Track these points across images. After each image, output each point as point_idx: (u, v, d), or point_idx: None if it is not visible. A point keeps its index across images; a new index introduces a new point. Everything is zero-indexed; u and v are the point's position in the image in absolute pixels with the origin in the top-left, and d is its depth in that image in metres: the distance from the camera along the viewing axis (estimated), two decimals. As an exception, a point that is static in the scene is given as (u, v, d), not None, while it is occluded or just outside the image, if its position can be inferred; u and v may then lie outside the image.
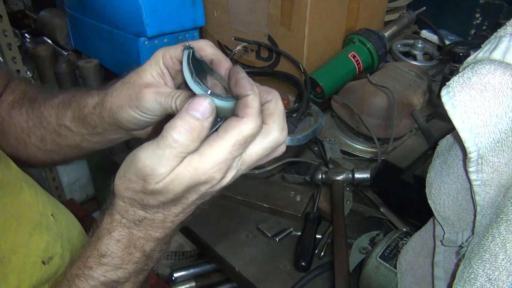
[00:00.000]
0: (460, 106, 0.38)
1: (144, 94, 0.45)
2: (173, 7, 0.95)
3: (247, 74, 0.39)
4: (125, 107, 0.46)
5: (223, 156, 0.36)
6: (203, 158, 0.36)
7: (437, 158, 0.50)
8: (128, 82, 0.47)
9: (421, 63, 1.25)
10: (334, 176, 0.79)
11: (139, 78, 0.46)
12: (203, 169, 0.36)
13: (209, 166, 0.36)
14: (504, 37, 0.37)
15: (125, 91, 0.47)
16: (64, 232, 0.53)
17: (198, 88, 0.40)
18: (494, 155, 0.39)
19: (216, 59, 0.44)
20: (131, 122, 0.48)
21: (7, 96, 0.61)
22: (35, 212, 0.50)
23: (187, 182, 0.37)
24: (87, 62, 1.11)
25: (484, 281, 0.37)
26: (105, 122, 0.50)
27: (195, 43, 0.45)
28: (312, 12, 0.91)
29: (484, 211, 0.42)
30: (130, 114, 0.46)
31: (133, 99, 0.45)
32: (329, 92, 0.99)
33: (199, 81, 0.40)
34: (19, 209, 0.48)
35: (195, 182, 0.37)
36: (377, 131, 0.92)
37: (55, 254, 0.50)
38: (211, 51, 0.45)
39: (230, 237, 0.75)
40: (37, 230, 0.49)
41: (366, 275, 0.62)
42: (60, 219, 0.54)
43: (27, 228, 0.48)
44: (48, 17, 1.36)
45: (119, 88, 0.47)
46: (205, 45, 0.45)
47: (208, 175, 0.37)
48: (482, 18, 1.38)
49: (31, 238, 0.47)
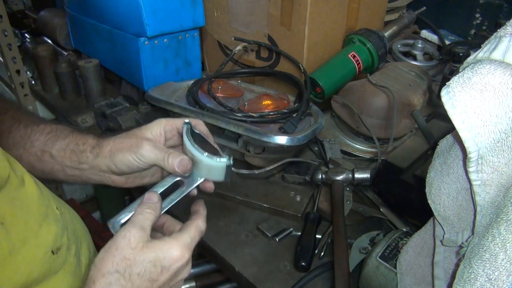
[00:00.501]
0: (460, 106, 0.38)
1: (144, 144, 0.55)
2: (173, 7, 0.95)
3: (247, 74, 0.43)
4: (123, 151, 0.55)
5: (189, 239, 0.50)
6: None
7: (437, 158, 0.50)
8: (132, 134, 0.57)
9: (421, 63, 1.25)
10: (334, 176, 0.79)
11: (141, 133, 0.57)
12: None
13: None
14: (504, 37, 0.37)
15: (127, 140, 0.56)
16: (68, 224, 0.55)
17: (196, 151, 0.53)
18: (494, 155, 0.39)
19: (206, 133, 0.59)
20: (124, 165, 0.56)
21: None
22: (42, 205, 0.51)
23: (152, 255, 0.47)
24: (87, 62, 1.11)
25: (484, 281, 0.37)
26: (96, 161, 0.57)
27: (192, 121, 0.58)
28: (312, 12, 0.91)
29: (484, 211, 0.42)
30: (127, 158, 0.55)
31: (133, 146, 0.55)
32: (329, 92, 0.99)
33: (197, 146, 0.53)
34: (26, 203, 0.49)
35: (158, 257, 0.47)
36: (377, 131, 0.92)
37: (63, 245, 0.52)
38: (204, 128, 0.59)
39: (230, 237, 0.75)
40: (46, 221, 0.50)
41: (366, 275, 0.62)
42: (64, 212, 0.56)
43: (36, 220, 0.49)
44: (48, 17, 1.36)
45: (122, 136, 0.57)
46: (200, 123, 0.59)
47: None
48: (482, 18, 1.38)
49: (40, 228, 0.49)
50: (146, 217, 0.49)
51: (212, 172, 0.54)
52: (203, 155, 0.53)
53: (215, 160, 0.53)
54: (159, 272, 0.47)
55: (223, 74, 1.02)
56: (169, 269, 0.47)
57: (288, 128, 0.81)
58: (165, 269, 0.47)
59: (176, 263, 0.48)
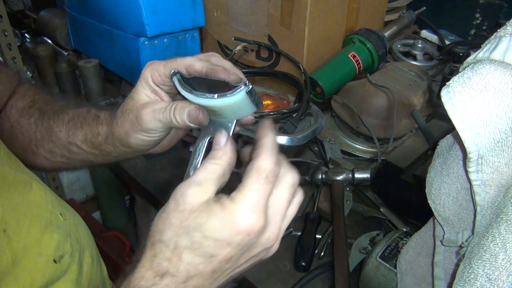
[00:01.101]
0: (460, 106, 0.38)
1: (143, 115, 0.46)
2: (173, 7, 0.95)
3: (247, 74, 0.40)
4: (130, 133, 0.48)
5: (254, 194, 0.35)
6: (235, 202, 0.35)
7: (437, 158, 0.50)
8: (126, 109, 0.48)
9: (421, 63, 1.25)
10: (334, 176, 0.79)
11: (135, 102, 0.48)
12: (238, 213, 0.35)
13: (244, 208, 0.35)
14: (504, 37, 0.36)
15: (126, 118, 0.48)
16: (72, 231, 0.54)
17: (203, 99, 0.42)
18: (494, 155, 0.39)
19: (208, 69, 0.44)
20: (141, 145, 0.49)
21: (17, 101, 0.61)
22: (45, 211, 0.50)
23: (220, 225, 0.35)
24: (87, 62, 1.11)
25: (484, 281, 0.37)
26: (119, 149, 0.52)
27: (182, 60, 0.45)
28: (312, 12, 0.91)
29: (484, 211, 0.42)
30: (137, 138, 0.48)
31: (135, 124, 0.47)
32: (329, 92, 0.99)
33: (200, 93, 0.42)
34: (30, 209, 0.48)
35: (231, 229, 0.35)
36: (377, 131, 0.92)
37: (65, 253, 0.50)
38: (200, 64, 0.45)
39: (230, 237, 0.75)
40: (49, 229, 0.49)
41: (366, 275, 0.62)
42: (68, 218, 0.55)
43: (38, 227, 0.48)
44: (48, 17, 1.36)
45: (120, 117, 0.49)
46: (192, 61, 0.45)
47: (246, 222, 0.35)
48: (482, 18, 1.38)
49: (43, 237, 0.47)
50: (208, 169, 0.38)
51: (236, 109, 0.43)
52: (213, 98, 0.42)
53: (229, 96, 0.41)
54: (215, 246, 0.35)
55: (223, 74, 1.02)
56: (231, 242, 0.35)
57: (288, 128, 0.81)
58: (224, 242, 0.35)
59: (240, 235, 0.35)
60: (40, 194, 0.51)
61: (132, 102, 0.48)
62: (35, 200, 0.49)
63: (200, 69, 0.44)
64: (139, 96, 0.48)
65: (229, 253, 0.36)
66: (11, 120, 0.60)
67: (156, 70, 0.46)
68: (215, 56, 0.47)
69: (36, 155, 0.59)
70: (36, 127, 0.58)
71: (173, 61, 0.46)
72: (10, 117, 0.60)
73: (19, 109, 0.60)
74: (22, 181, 0.49)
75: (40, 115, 0.59)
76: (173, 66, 0.45)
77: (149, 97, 0.47)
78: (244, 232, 0.35)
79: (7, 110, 0.61)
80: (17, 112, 0.60)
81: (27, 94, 0.62)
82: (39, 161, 0.60)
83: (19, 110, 0.60)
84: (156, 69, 0.46)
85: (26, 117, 0.59)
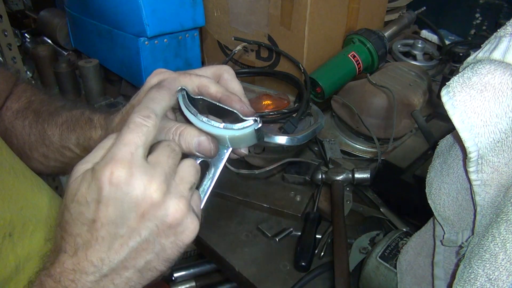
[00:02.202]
0: (460, 106, 0.38)
1: None
2: (173, 7, 0.95)
3: (247, 74, 0.40)
4: None
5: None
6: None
7: (437, 158, 0.50)
8: (125, 115, 0.46)
9: (421, 63, 1.25)
10: (334, 176, 0.79)
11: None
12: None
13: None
14: (504, 37, 0.36)
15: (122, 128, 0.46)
16: None
17: (209, 126, 0.40)
18: (494, 155, 0.39)
19: (223, 96, 0.41)
20: None
21: (13, 103, 0.60)
22: (48, 216, 0.49)
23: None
24: (87, 62, 1.11)
25: (484, 281, 0.37)
26: None
27: (197, 79, 0.42)
28: (312, 12, 0.91)
29: (484, 211, 0.42)
30: None
31: None
32: (329, 92, 0.99)
33: (206, 120, 0.39)
34: (35, 213, 0.47)
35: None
36: (377, 131, 0.92)
37: None
38: (215, 89, 0.41)
39: (230, 237, 0.75)
40: (52, 235, 0.48)
41: (366, 275, 0.62)
42: None
43: (42, 233, 0.47)
44: (48, 17, 1.36)
45: (119, 124, 0.46)
46: (208, 83, 0.41)
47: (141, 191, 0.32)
48: (482, 18, 1.38)
49: (46, 243, 0.47)
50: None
51: (237, 141, 0.42)
52: (219, 128, 0.40)
53: (237, 130, 0.39)
54: (93, 209, 0.33)
55: (223, 74, 1.02)
56: (99, 199, 0.32)
57: (288, 128, 0.81)
58: (93, 201, 0.32)
59: (104, 186, 0.32)
60: (43, 199, 0.50)
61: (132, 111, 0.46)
62: (38, 205, 0.49)
63: (214, 94, 0.41)
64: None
65: (107, 213, 0.32)
66: (5, 122, 0.59)
67: (165, 78, 0.42)
68: (228, 72, 0.44)
69: (30, 159, 0.58)
70: (30, 130, 0.57)
71: (186, 75, 0.42)
72: (5, 119, 0.59)
73: (14, 111, 0.59)
74: (23, 187, 0.48)
75: (35, 117, 0.58)
76: (186, 81, 0.41)
77: None
78: (106, 182, 0.32)
79: (2, 112, 0.60)
80: (12, 115, 0.59)
81: (24, 95, 0.61)
82: (34, 165, 0.59)
83: (14, 112, 0.59)
84: (165, 78, 0.42)
85: (20, 119, 0.58)
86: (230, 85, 0.43)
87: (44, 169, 0.60)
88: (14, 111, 0.59)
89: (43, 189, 0.53)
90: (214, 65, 0.44)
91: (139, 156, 0.33)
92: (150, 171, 0.33)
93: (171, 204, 0.34)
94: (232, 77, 0.44)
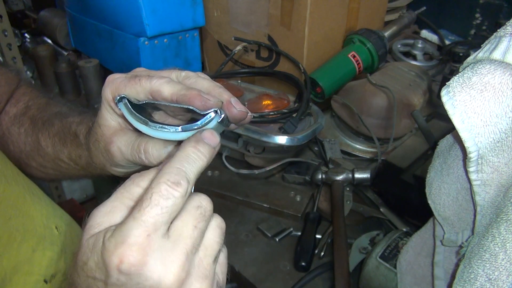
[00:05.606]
0: (460, 106, 0.38)
1: (112, 152, 0.40)
2: (173, 7, 0.95)
3: (247, 74, 0.38)
4: (107, 166, 0.43)
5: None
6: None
7: (437, 158, 0.50)
8: (95, 140, 0.42)
9: (421, 63, 1.24)
10: (334, 176, 0.79)
11: (102, 131, 0.41)
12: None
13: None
14: (504, 37, 0.36)
15: (98, 150, 0.42)
16: (68, 246, 0.51)
17: (166, 132, 0.36)
18: (494, 155, 0.39)
19: (179, 96, 0.35)
20: (124, 172, 0.44)
21: (11, 107, 0.59)
22: (39, 225, 0.48)
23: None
24: (87, 62, 1.11)
25: (484, 281, 0.37)
26: (105, 173, 0.47)
27: (148, 83, 0.36)
28: (312, 12, 0.91)
29: (484, 211, 0.42)
30: (115, 170, 0.43)
31: (107, 159, 0.42)
32: (329, 92, 0.99)
33: (160, 126, 0.36)
34: (23, 222, 0.46)
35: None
36: (377, 131, 0.92)
37: (58, 271, 0.48)
38: (168, 90, 0.35)
39: (230, 237, 0.75)
40: (41, 245, 0.47)
41: (366, 275, 0.62)
42: (64, 231, 0.52)
43: (30, 243, 0.45)
44: (48, 17, 1.36)
45: (92, 148, 0.44)
46: (160, 86, 0.35)
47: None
48: (482, 18, 1.38)
49: (34, 254, 0.45)
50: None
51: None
52: (177, 132, 0.36)
53: (197, 128, 0.35)
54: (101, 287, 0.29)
55: (223, 74, 1.02)
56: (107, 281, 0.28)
57: (288, 128, 0.81)
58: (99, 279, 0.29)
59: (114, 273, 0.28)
60: (35, 207, 0.48)
61: (100, 131, 0.41)
62: (28, 214, 0.47)
63: (169, 98, 0.35)
64: (105, 122, 0.40)
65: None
66: (2, 127, 0.58)
67: (117, 90, 0.37)
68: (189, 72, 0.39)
69: (29, 167, 0.57)
70: (25, 138, 0.55)
71: (136, 81, 0.36)
72: (2, 124, 0.58)
73: (11, 117, 0.58)
74: (14, 194, 0.47)
75: (31, 125, 0.56)
76: (135, 88, 0.36)
77: (117, 122, 0.40)
78: (115, 269, 0.27)
79: (1, 116, 0.59)
80: (9, 120, 0.58)
81: (22, 99, 0.60)
82: (34, 172, 0.58)
83: (11, 118, 0.58)
84: (117, 88, 0.37)
85: (16, 125, 0.57)
86: (189, 82, 0.38)
87: (44, 176, 0.58)
88: (11, 116, 0.58)
89: (36, 195, 0.51)
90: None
91: (158, 237, 0.28)
92: (168, 254, 0.28)
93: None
94: (194, 74, 0.39)
